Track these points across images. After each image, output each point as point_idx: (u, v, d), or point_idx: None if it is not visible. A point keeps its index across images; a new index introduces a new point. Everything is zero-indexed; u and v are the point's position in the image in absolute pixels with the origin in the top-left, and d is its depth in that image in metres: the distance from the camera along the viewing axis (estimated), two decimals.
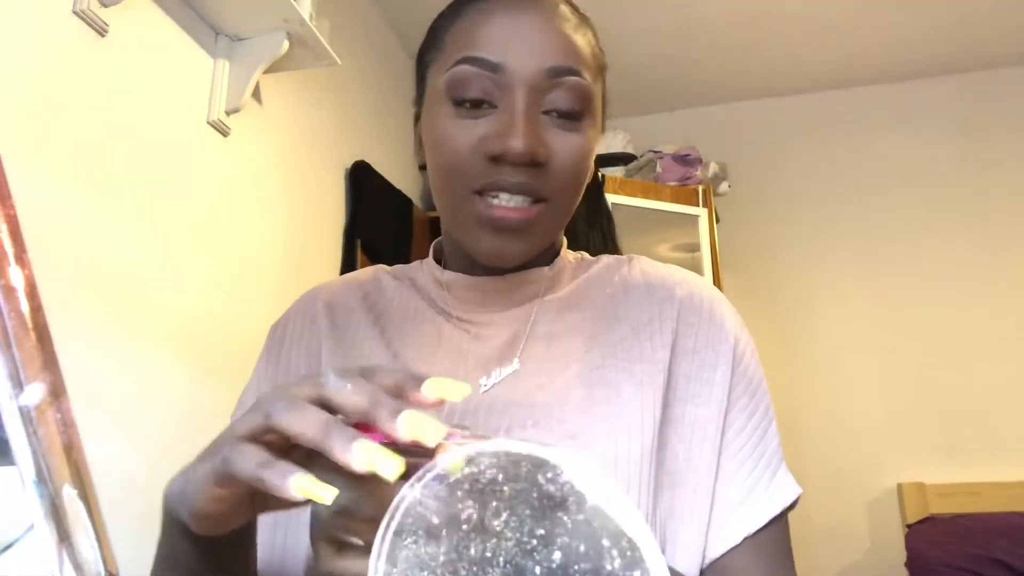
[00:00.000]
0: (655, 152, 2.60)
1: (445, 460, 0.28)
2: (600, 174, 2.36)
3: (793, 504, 0.57)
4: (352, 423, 0.32)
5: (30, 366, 0.24)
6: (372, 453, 0.29)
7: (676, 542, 0.53)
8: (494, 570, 0.27)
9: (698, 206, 2.47)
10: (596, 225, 2.18)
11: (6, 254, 0.24)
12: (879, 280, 2.67)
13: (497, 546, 0.27)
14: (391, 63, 2.46)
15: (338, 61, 1.65)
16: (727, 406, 0.57)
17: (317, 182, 1.95)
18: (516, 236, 0.55)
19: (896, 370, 2.57)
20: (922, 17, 2.46)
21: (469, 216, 0.55)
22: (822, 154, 2.86)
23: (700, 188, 2.50)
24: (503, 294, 0.61)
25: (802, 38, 2.59)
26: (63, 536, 0.24)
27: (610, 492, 0.25)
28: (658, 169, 2.55)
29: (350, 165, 2.11)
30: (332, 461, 0.30)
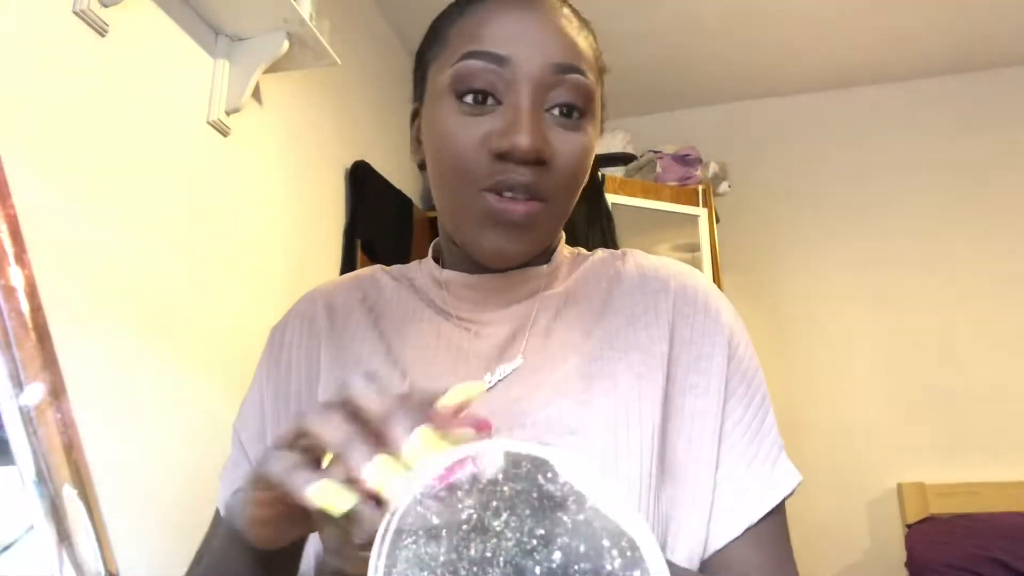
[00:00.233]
0: (655, 152, 2.60)
1: (446, 457, 0.28)
2: (600, 174, 2.36)
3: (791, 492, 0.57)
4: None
5: (30, 366, 0.24)
6: (380, 474, 0.30)
7: (678, 534, 0.53)
8: (494, 570, 0.27)
9: (698, 206, 2.47)
10: (596, 225, 2.18)
11: (6, 254, 0.24)
12: (879, 280, 2.67)
13: (497, 546, 0.27)
14: (391, 63, 2.46)
15: (338, 61, 1.65)
16: (724, 396, 0.57)
17: (317, 182, 1.95)
18: (518, 232, 0.55)
19: (896, 370, 2.57)
20: (922, 17, 2.46)
21: (473, 213, 0.55)
22: (822, 154, 2.86)
23: (700, 188, 2.50)
24: (502, 292, 0.61)
25: (802, 38, 2.59)
26: (63, 536, 0.24)
27: (610, 492, 0.25)
28: (658, 169, 2.55)
29: (350, 165, 2.11)
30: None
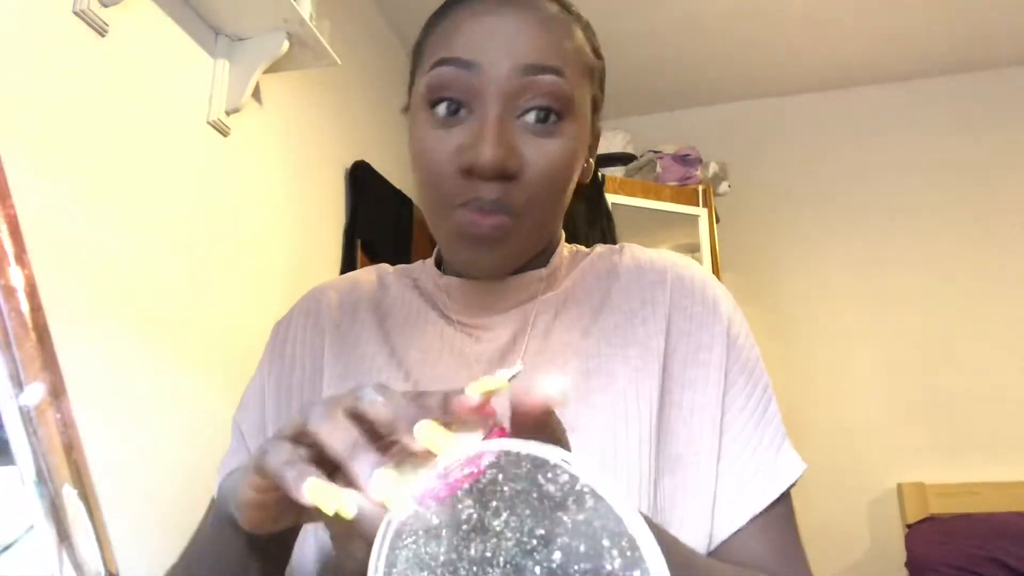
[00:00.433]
0: (655, 152, 2.60)
1: (446, 457, 0.28)
2: (600, 174, 2.36)
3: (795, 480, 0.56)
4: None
5: (30, 366, 0.24)
6: (385, 487, 0.30)
7: (680, 527, 0.53)
8: (494, 570, 0.26)
9: (698, 206, 2.47)
10: (596, 225, 2.18)
11: (6, 254, 0.24)
12: (879, 280, 2.67)
13: (497, 546, 0.27)
14: (391, 63, 2.46)
15: (338, 61, 1.65)
16: (724, 388, 0.57)
17: (317, 182, 1.95)
18: (488, 247, 0.54)
19: (896, 370, 2.57)
20: (922, 17, 2.46)
21: (447, 228, 0.54)
22: (822, 154, 2.86)
23: (700, 188, 2.50)
24: (501, 297, 0.61)
25: (802, 38, 2.59)
26: (63, 536, 0.24)
27: (610, 491, 0.25)
28: (658, 169, 2.55)
29: (350, 165, 2.11)
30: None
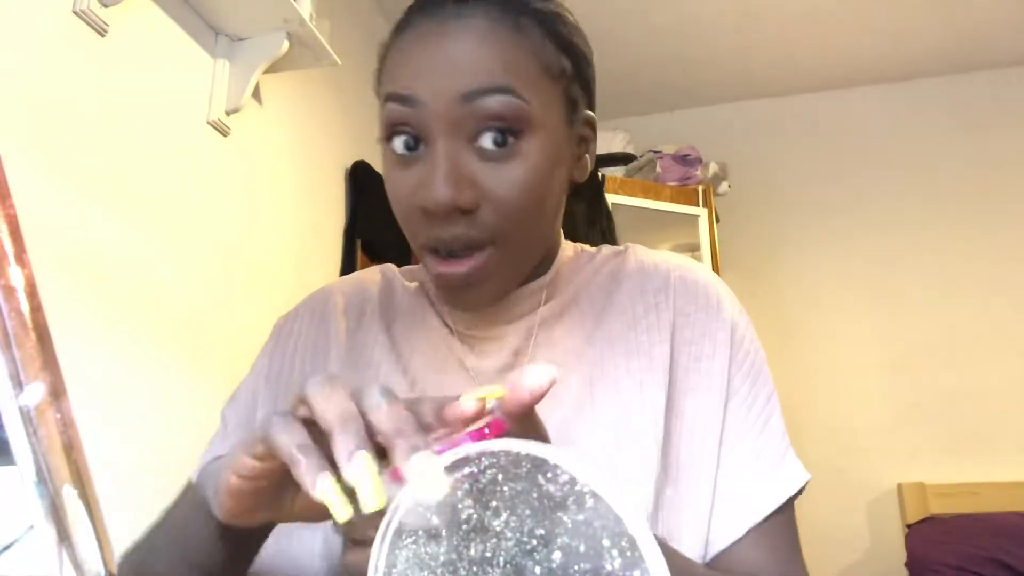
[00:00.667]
0: (655, 152, 2.60)
1: (446, 457, 0.28)
2: (600, 174, 2.36)
3: (799, 490, 0.55)
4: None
5: (30, 366, 0.24)
6: (360, 476, 0.29)
7: (681, 536, 0.52)
8: (494, 570, 0.26)
9: (698, 206, 2.47)
10: (596, 225, 2.18)
11: (6, 254, 0.24)
12: (879, 280, 2.67)
13: (497, 546, 0.27)
14: None
15: (338, 61, 1.65)
16: (727, 395, 0.56)
17: (317, 182, 1.95)
18: (470, 289, 0.52)
19: (896, 370, 2.57)
20: (922, 17, 2.46)
21: (427, 271, 0.54)
22: (822, 154, 2.86)
23: (700, 188, 2.50)
24: (502, 312, 0.59)
25: (802, 38, 2.59)
26: (63, 536, 0.24)
27: (610, 492, 0.25)
28: (658, 169, 2.55)
29: (350, 165, 2.11)
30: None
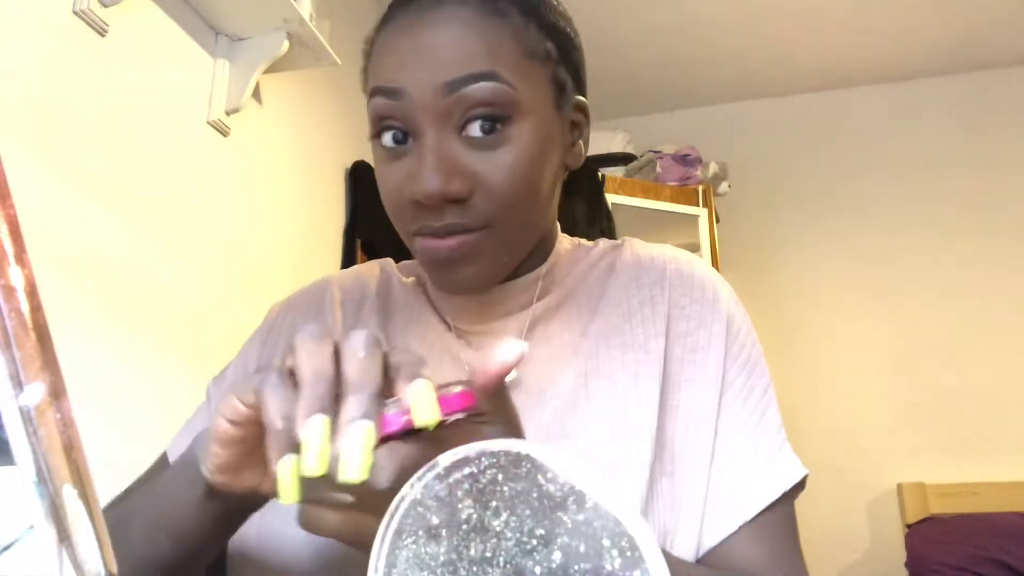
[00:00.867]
0: (655, 152, 2.60)
1: (446, 457, 0.28)
2: (600, 174, 2.36)
3: (799, 486, 0.55)
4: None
5: (30, 366, 0.24)
6: (309, 439, 0.30)
7: (676, 532, 0.52)
8: (494, 570, 0.26)
9: (698, 206, 2.47)
10: (596, 225, 2.18)
11: (6, 254, 0.24)
12: (879, 280, 2.67)
13: (497, 546, 0.27)
14: None
15: (338, 61, 1.65)
16: (722, 388, 0.56)
17: (317, 182, 1.95)
18: (459, 265, 0.52)
19: (896, 370, 2.57)
20: (922, 17, 2.46)
21: (417, 257, 0.54)
22: (822, 154, 2.86)
23: (700, 188, 2.50)
24: (498, 304, 0.59)
25: (802, 38, 2.59)
26: (63, 536, 0.24)
27: (610, 491, 0.25)
28: (658, 169, 2.55)
29: (350, 165, 2.11)
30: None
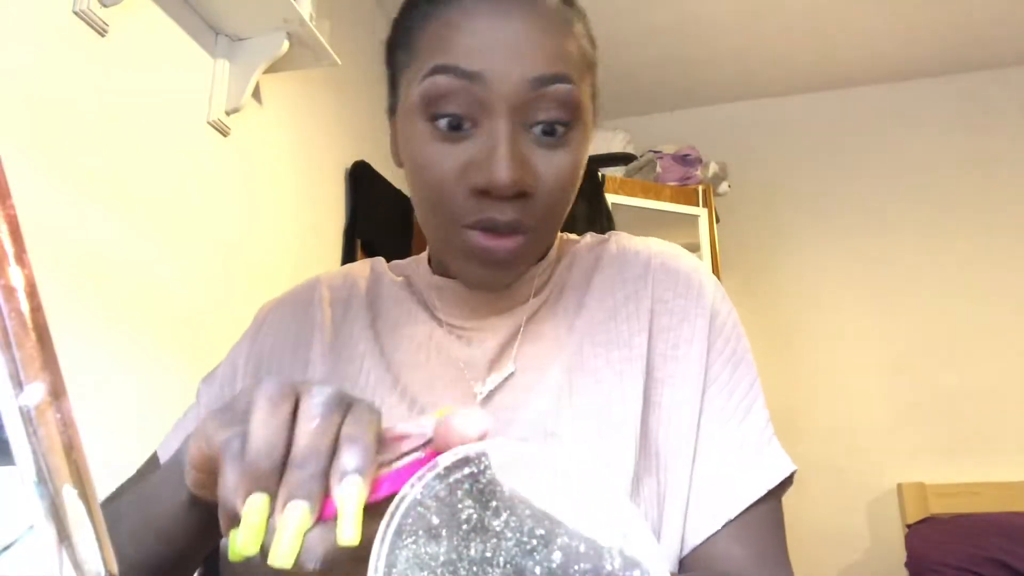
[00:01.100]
0: (655, 152, 2.60)
1: (446, 457, 0.28)
2: (600, 174, 2.36)
3: (786, 483, 0.54)
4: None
5: (30, 366, 0.24)
6: (247, 518, 0.29)
7: (661, 528, 0.51)
8: (494, 570, 0.26)
9: (698, 206, 2.47)
10: (596, 225, 2.18)
11: (6, 254, 0.24)
12: (879, 280, 2.67)
13: (497, 546, 0.27)
14: None
15: (338, 61, 1.65)
16: (704, 384, 0.55)
17: (317, 182, 1.95)
18: (504, 267, 0.52)
19: (896, 370, 2.57)
20: (922, 17, 2.46)
21: (457, 248, 0.52)
22: (822, 154, 2.86)
23: (700, 188, 2.50)
24: (493, 301, 0.59)
25: (803, 38, 2.59)
26: (63, 536, 0.24)
27: (609, 491, 0.25)
28: (658, 169, 2.55)
29: (350, 165, 2.11)
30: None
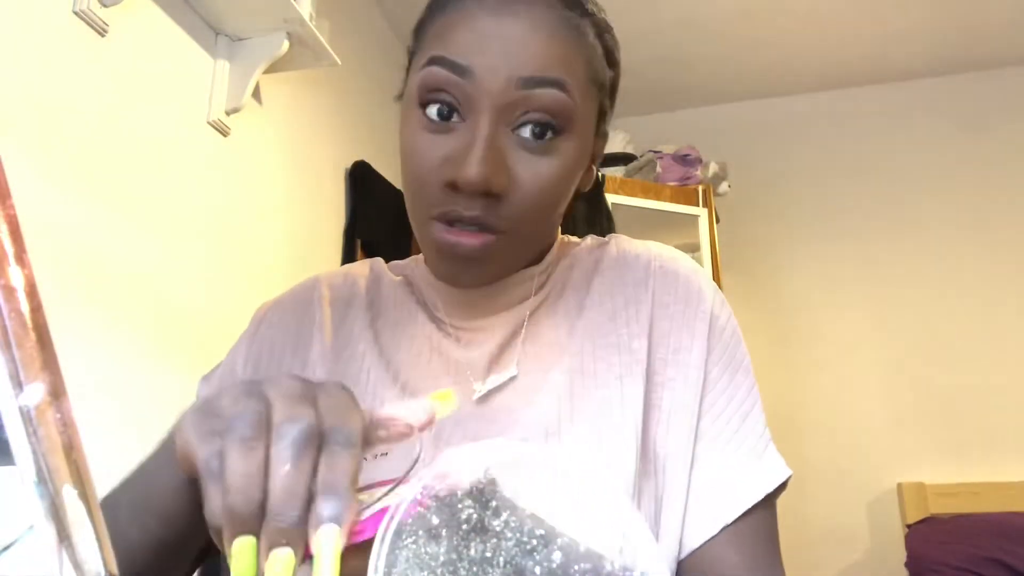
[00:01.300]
0: (655, 152, 2.60)
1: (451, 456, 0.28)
2: (600, 174, 2.36)
3: (781, 488, 0.54)
4: None
5: (30, 366, 0.24)
6: (235, 557, 0.28)
7: (658, 532, 0.51)
8: (494, 570, 0.26)
9: (698, 206, 2.47)
10: (596, 225, 2.18)
11: (6, 254, 0.24)
12: (879, 280, 2.67)
13: (497, 546, 0.27)
14: (391, 63, 2.46)
15: (338, 61, 1.65)
16: (703, 389, 0.55)
17: (317, 182, 1.95)
18: (471, 265, 0.52)
19: (896, 370, 2.57)
20: (922, 17, 2.46)
21: (426, 239, 0.53)
22: (822, 154, 2.86)
23: (700, 188, 2.50)
24: (492, 300, 0.59)
25: (803, 38, 2.59)
26: (63, 536, 0.24)
27: (610, 492, 0.25)
28: (658, 169, 2.55)
29: (350, 165, 2.11)
30: None
